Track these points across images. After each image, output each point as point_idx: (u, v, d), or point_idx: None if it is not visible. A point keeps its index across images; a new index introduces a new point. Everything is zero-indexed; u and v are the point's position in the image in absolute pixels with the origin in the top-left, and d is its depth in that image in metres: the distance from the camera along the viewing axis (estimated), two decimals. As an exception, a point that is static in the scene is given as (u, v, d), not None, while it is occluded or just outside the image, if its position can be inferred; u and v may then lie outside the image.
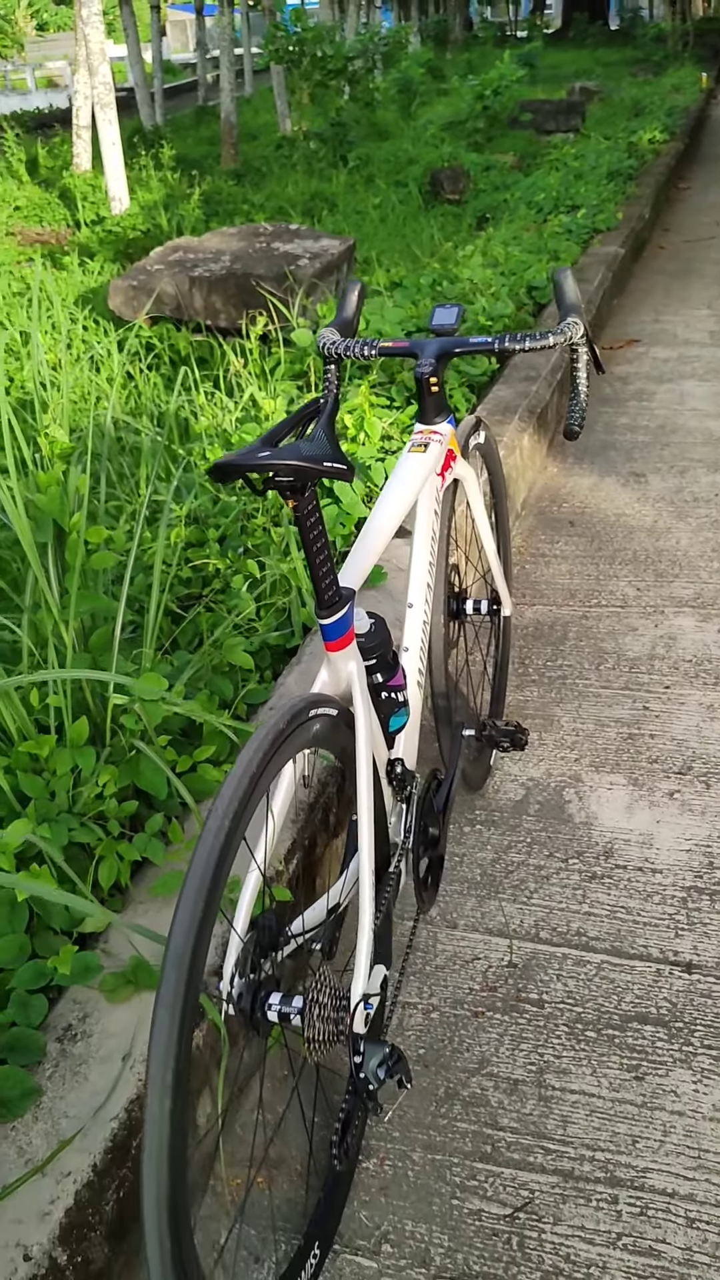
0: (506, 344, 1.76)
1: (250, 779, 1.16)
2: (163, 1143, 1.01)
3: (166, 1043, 1.02)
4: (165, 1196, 1.02)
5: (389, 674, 1.60)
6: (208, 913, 1.06)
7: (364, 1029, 1.35)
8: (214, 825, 1.11)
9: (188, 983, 1.04)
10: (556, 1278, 1.43)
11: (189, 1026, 1.04)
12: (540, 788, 2.34)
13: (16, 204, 10.39)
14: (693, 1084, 1.67)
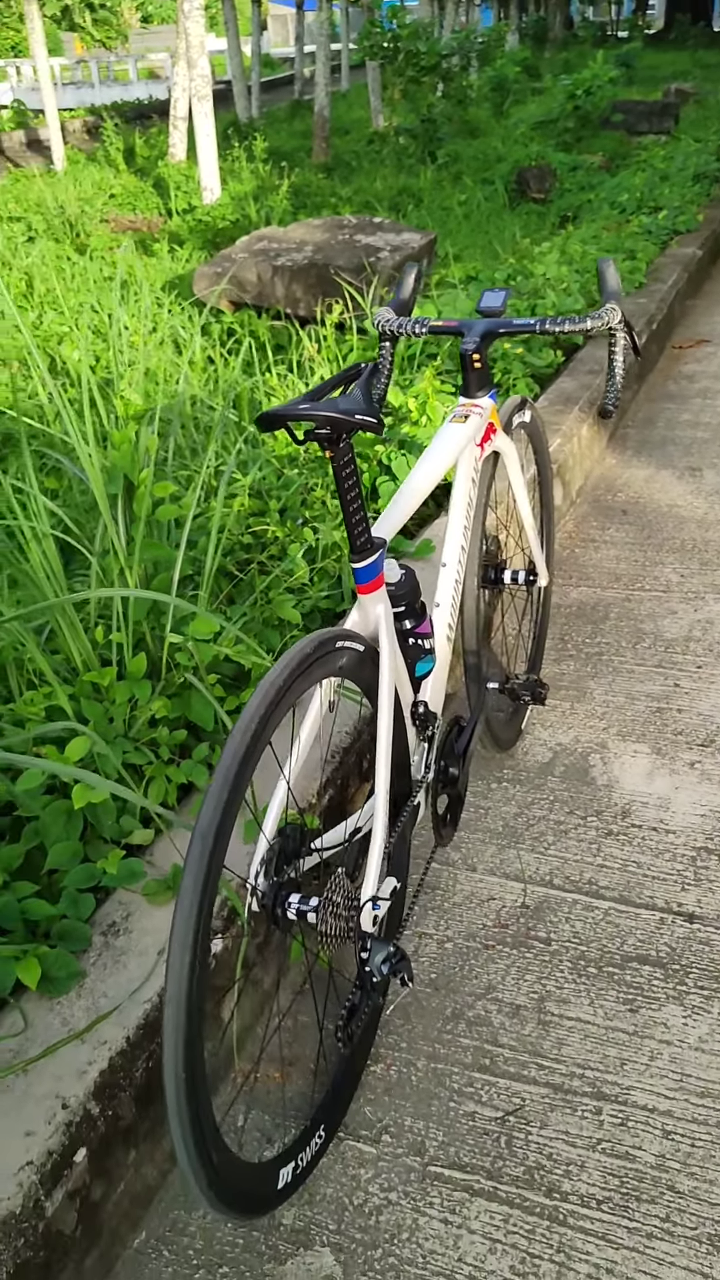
0: (547, 325, 1.91)
1: (277, 690, 1.32)
2: (181, 992, 1.18)
3: (189, 905, 1.19)
4: (182, 1042, 1.18)
5: (417, 621, 1.74)
6: (233, 795, 1.22)
7: (371, 928, 1.50)
8: (242, 724, 1.27)
9: (211, 854, 1.20)
10: (537, 1172, 1.57)
11: (210, 893, 1.20)
12: (567, 752, 2.47)
13: (112, 192, 10.70)
14: (683, 1018, 1.80)
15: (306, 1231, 1.51)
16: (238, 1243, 1.50)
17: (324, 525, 2.70)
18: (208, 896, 1.20)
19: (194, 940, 1.18)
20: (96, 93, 19.41)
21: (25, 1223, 1.31)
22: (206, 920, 1.20)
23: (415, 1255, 1.47)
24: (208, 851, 1.20)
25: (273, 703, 1.32)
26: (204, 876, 1.19)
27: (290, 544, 2.66)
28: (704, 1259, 1.45)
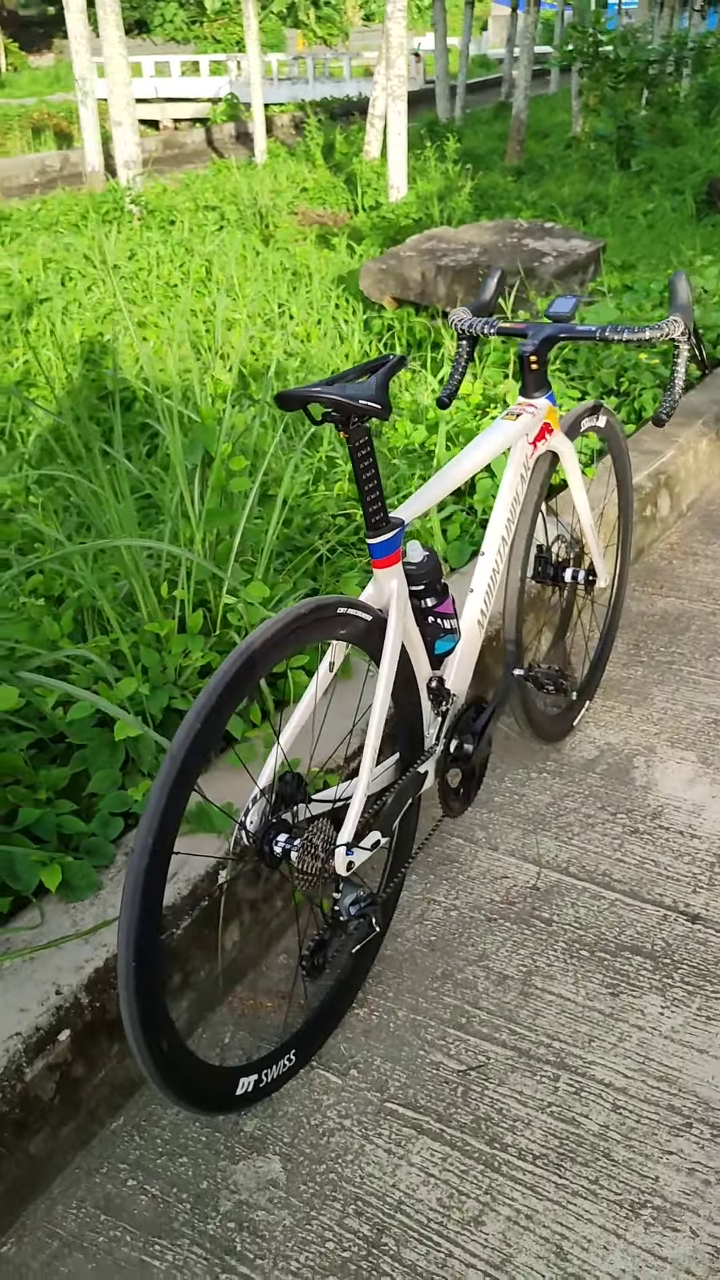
0: (607, 334, 1.99)
1: (266, 639, 1.47)
2: (136, 889, 1.34)
3: (153, 815, 1.35)
4: (134, 932, 1.34)
5: (438, 600, 1.86)
6: (205, 726, 1.38)
7: (345, 872, 1.63)
8: (224, 665, 1.43)
9: (177, 775, 1.36)
10: (484, 1123, 1.68)
11: (172, 810, 1.36)
12: (613, 751, 2.53)
13: (304, 185, 11.03)
14: (660, 1008, 1.86)
15: (263, 1140, 1.66)
16: (201, 1139, 1.66)
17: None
18: (169, 814, 1.36)
19: (152, 846, 1.34)
20: (309, 88, 19.91)
21: (6, 1083, 1.50)
22: (166, 832, 1.36)
23: (354, 1175, 1.60)
24: (174, 772, 1.36)
25: (258, 650, 1.47)
26: (166, 793, 1.35)
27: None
28: (620, 1222, 1.53)
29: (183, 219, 9.14)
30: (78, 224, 8.89)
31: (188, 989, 1.81)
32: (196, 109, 19.82)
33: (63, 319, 6.24)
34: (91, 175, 10.12)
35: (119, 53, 8.84)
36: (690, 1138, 1.65)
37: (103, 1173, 1.62)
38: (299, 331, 6.59)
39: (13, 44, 23.62)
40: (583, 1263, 1.48)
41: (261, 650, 1.48)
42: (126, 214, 9.02)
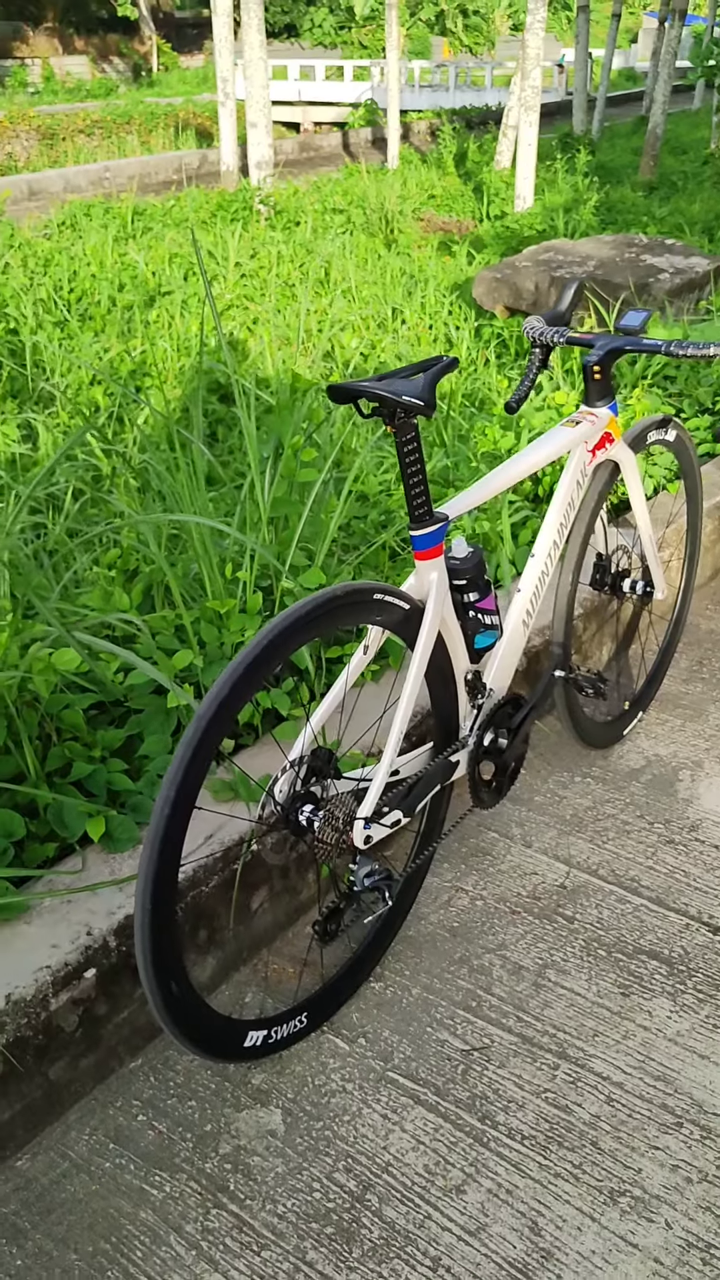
0: (672, 348, 2.04)
1: (298, 615, 1.56)
2: (157, 835, 1.44)
3: (176, 770, 1.45)
4: (151, 878, 1.44)
5: (480, 596, 1.93)
6: (231, 693, 1.48)
7: (363, 845, 1.71)
8: (259, 636, 1.52)
9: (201, 736, 1.46)
10: (479, 1100, 1.74)
11: (195, 766, 1.46)
12: (660, 763, 2.55)
13: (432, 192, 11.12)
14: (669, 1011, 1.90)
15: (268, 1094, 1.75)
16: (210, 1086, 1.76)
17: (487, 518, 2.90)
18: (191, 770, 1.46)
19: (174, 798, 1.44)
20: (449, 96, 20.00)
21: (31, 1009, 1.62)
22: (188, 787, 1.46)
23: (349, 1134, 1.68)
24: (199, 732, 1.46)
25: (290, 626, 1.56)
26: (191, 750, 1.45)
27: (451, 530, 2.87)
28: (598, 1207, 1.58)
29: (309, 220, 9.31)
30: (207, 221, 9.13)
31: (213, 946, 1.91)
32: (338, 113, 20.07)
33: (181, 313, 6.44)
34: (226, 174, 10.37)
35: (259, 57, 9.06)
36: (679, 1136, 1.68)
37: (116, 1106, 1.73)
38: (410, 335, 6.68)
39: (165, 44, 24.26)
40: (555, 1239, 1.54)
41: (293, 626, 1.57)
42: (255, 213, 9.24)
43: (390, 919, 1.99)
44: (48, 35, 22.64)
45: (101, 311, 6.57)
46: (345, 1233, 1.55)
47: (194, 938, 1.87)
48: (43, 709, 2.03)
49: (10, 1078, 1.61)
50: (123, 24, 23.16)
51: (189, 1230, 1.55)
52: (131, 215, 8.92)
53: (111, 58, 23.63)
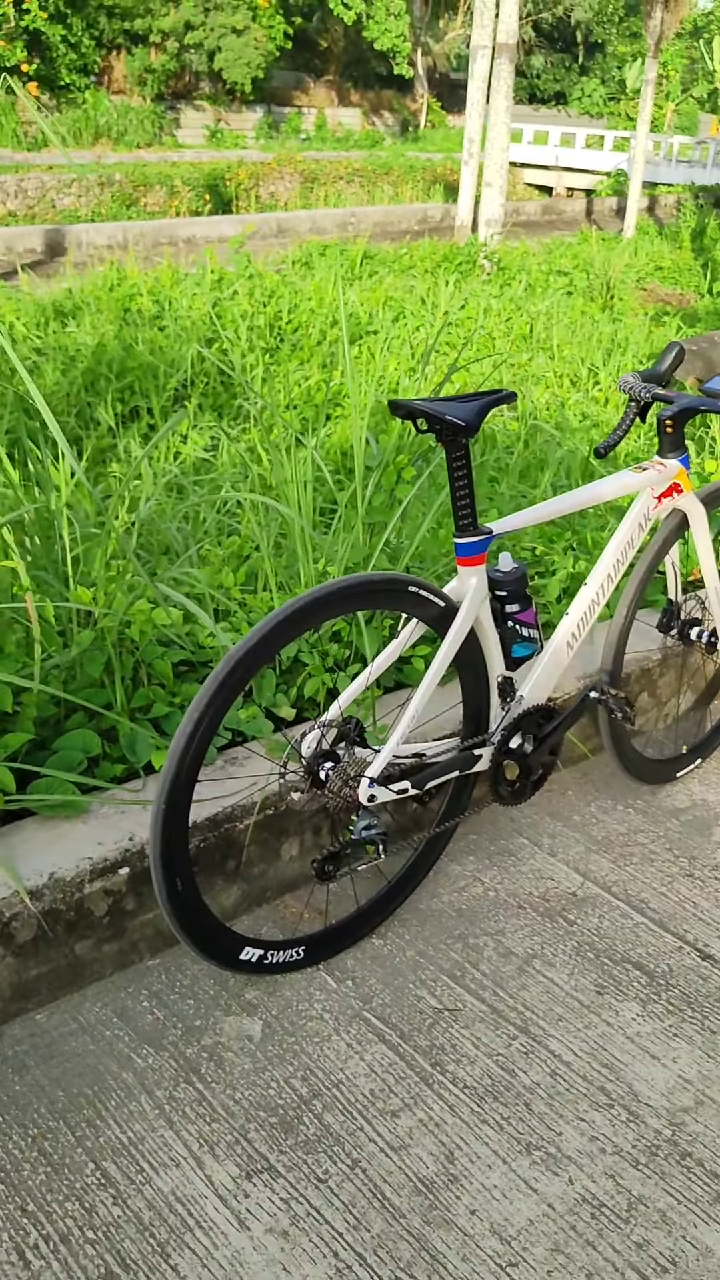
0: (741, 412, 2.21)
1: (330, 591, 1.83)
2: (177, 749, 1.72)
3: (203, 695, 1.73)
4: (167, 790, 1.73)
5: (520, 609, 2.14)
6: (262, 641, 1.75)
7: (366, 802, 1.95)
8: (294, 601, 1.80)
9: (229, 671, 1.74)
10: (435, 1049, 1.94)
11: (222, 696, 1.74)
12: (705, 806, 2.67)
13: (661, 264, 11.24)
14: (635, 1014, 2.04)
15: (256, 1007, 2.00)
16: (209, 993, 2.03)
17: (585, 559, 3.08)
18: (217, 698, 1.74)
19: (196, 718, 1.72)
20: (705, 173, 20.01)
21: (68, 888, 1.93)
22: (207, 715, 1.74)
23: (313, 1052, 1.91)
24: (225, 670, 1.74)
25: (324, 597, 1.82)
26: (216, 684, 1.73)
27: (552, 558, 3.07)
28: (513, 1154, 1.75)
29: (530, 279, 9.62)
30: (430, 270, 9.57)
31: (240, 878, 2.18)
32: (591, 180, 20.42)
33: (383, 351, 6.84)
34: (460, 229, 10.84)
35: (503, 121, 9.47)
36: (607, 1115, 1.83)
37: (128, 991, 2.02)
38: (600, 395, 6.86)
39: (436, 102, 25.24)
40: (465, 1169, 1.72)
41: (329, 598, 1.84)
42: (478, 267, 9.62)
43: (400, 885, 2.21)
44: (326, 87, 23.97)
45: (311, 343, 7.05)
46: (285, 1124, 1.78)
47: (223, 866, 2.15)
48: (139, 655, 2.36)
49: (42, 941, 1.93)
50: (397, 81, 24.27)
51: (158, 1094, 1.82)
52: (360, 258, 9.46)
53: (383, 112, 24.77)
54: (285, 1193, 1.67)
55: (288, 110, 22.92)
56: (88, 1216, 1.62)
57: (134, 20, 20.57)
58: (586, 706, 2.33)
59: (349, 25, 21.76)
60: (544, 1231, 1.64)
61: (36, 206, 15.88)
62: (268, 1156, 1.73)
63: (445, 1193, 1.69)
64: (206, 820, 2.09)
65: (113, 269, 7.86)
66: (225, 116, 21.92)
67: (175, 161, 17.75)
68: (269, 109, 22.51)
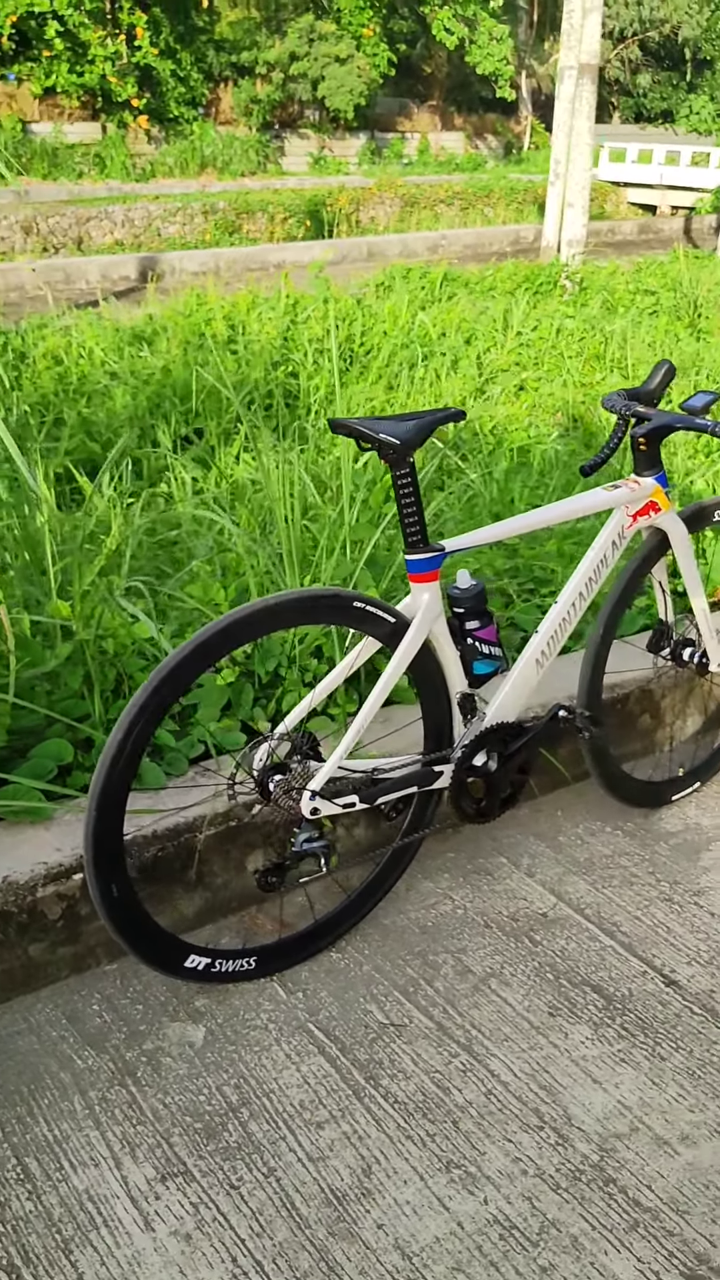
0: (714, 429, 2.18)
1: (269, 605, 1.86)
2: (108, 754, 1.77)
3: (132, 708, 1.78)
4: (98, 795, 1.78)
5: (479, 625, 2.14)
6: (188, 658, 1.79)
7: (308, 815, 1.97)
8: (227, 616, 1.83)
9: (155, 689, 1.78)
10: (373, 1064, 1.94)
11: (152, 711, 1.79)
12: (697, 831, 2.62)
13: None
14: (584, 1038, 2.01)
15: (202, 1014, 2.03)
16: (160, 999, 2.07)
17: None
18: (142, 713, 1.78)
19: (126, 726, 1.77)
20: None
21: (21, 891, 1.99)
22: (136, 725, 1.78)
23: (251, 1061, 1.93)
24: (149, 690, 1.78)
25: (257, 613, 1.86)
26: (139, 706, 1.77)
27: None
28: (431, 1171, 1.75)
29: (613, 299, 9.52)
30: (511, 291, 9.55)
31: (201, 886, 2.21)
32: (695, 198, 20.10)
33: (449, 372, 6.86)
34: (545, 249, 10.79)
35: (585, 141, 9.42)
36: (536, 1137, 1.81)
37: (81, 994, 2.07)
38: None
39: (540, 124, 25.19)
40: (379, 1184, 1.72)
41: (265, 612, 1.87)
42: (559, 288, 9.56)
43: (362, 899, 2.22)
44: (430, 112, 24.12)
45: (379, 365, 7.11)
46: (209, 1130, 1.81)
47: (183, 875, 2.19)
48: (120, 668, 2.42)
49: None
50: (501, 104, 24.29)
51: (91, 1095, 1.86)
52: (441, 280, 9.50)
53: (486, 135, 24.82)
54: (196, 1197, 1.70)
55: (391, 136, 23.14)
56: (0, 1210, 1.67)
57: (241, 53, 21.06)
58: (556, 725, 2.31)
59: (451, 50, 21.88)
60: (448, 1250, 1.63)
61: (142, 235, 16.35)
62: (185, 1161, 1.75)
63: (355, 1206, 1.69)
64: (168, 830, 2.14)
65: (193, 294, 8.07)
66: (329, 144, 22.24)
67: (277, 189, 18.08)
68: (372, 135, 22.75)
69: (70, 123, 19.01)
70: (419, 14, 21.89)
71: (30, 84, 18.56)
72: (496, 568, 3.00)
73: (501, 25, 21.52)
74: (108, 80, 18.52)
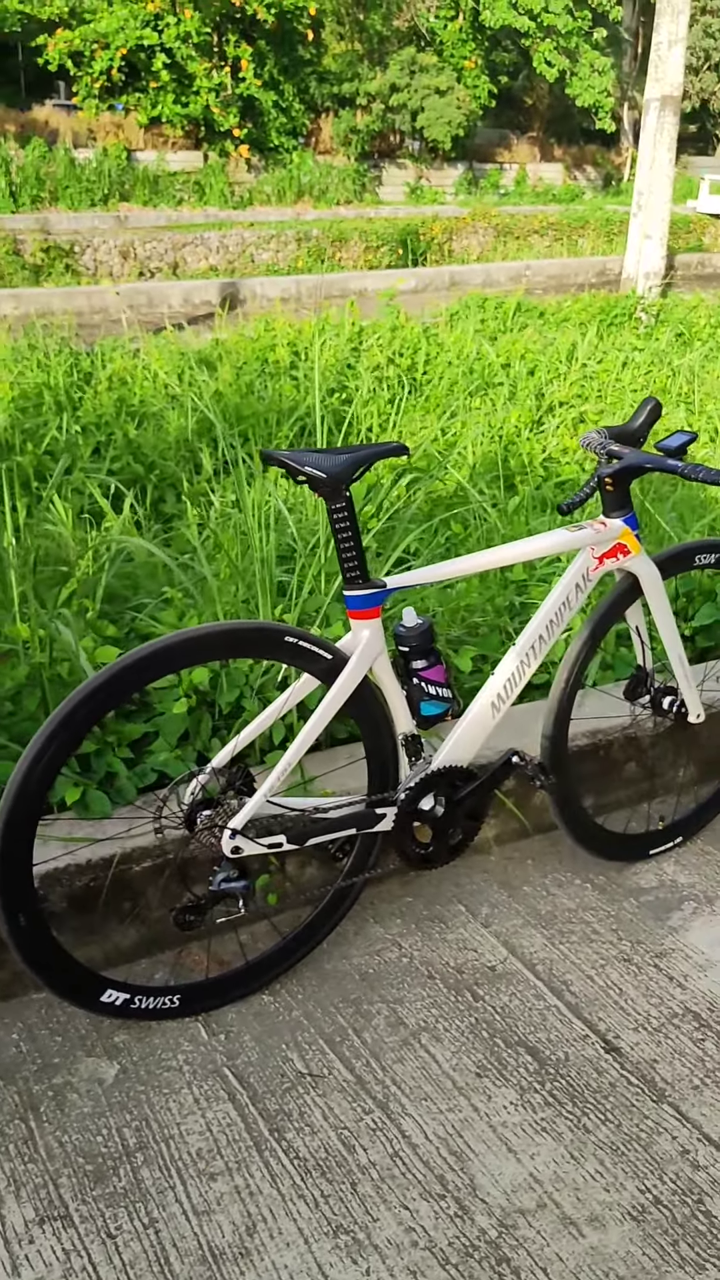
0: (687, 471, 2.10)
1: (189, 639, 1.83)
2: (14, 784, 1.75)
3: (39, 739, 1.76)
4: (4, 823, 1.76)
5: (426, 665, 2.07)
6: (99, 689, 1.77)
7: (229, 854, 1.92)
8: (142, 648, 1.80)
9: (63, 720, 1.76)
10: (281, 1115, 1.88)
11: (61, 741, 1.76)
12: (671, 888, 2.50)
13: None
14: (508, 1103, 1.92)
15: (118, 1051, 1.99)
16: (80, 1033, 2.03)
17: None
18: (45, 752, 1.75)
19: (33, 756, 1.75)
20: None
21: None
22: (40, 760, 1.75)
23: (157, 1103, 1.89)
24: (57, 721, 1.76)
25: (177, 645, 1.83)
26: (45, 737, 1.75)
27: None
28: (317, 1235, 1.68)
29: (690, 332, 9.34)
30: (585, 323, 9.44)
31: (136, 920, 2.18)
32: None
33: (506, 403, 6.79)
34: (625, 281, 10.65)
35: (665, 174, 9.29)
36: (435, 1206, 1.73)
37: (4, 1022, 2.05)
38: (732, 453, 6.58)
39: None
40: (261, 1244, 1.66)
41: (185, 644, 1.84)
42: (634, 320, 9.42)
43: (299, 940, 2.16)
44: (529, 143, 24.12)
45: (440, 394, 7.07)
46: (98, 1173, 1.76)
47: (118, 907, 2.16)
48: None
49: None
50: (601, 135, 24.17)
51: (-11, 1127, 1.83)
52: (514, 310, 9.43)
53: (585, 166, 24.70)
54: (70, 1244, 1.65)
55: (489, 166, 23.18)
56: None
57: (342, 84, 21.34)
58: (509, 772, 2.23)
59: (552, 82, 21.86)
60: (317, 1321, 1.56)
61: (236, 261, 16.61)
62: (69, 1204, 1.71)
63: (231, 1266, 1.63)
64: (101, 860, 2.12)
65: (261, 321, 8.14)
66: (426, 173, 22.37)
67: (370, 217, 18.23)
68: (470, 165, 22.82)
69: (173, 151, 19.45)
70: (521, 46, 21.92)
71: (137, 114, 19.06)
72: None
73: (604, 58, 21.45)
74: (211, 110, 18.91)
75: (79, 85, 18.65)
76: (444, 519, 3.94)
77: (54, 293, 11.95)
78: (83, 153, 17.98)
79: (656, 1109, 1.92)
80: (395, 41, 21.98)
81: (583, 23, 20.69)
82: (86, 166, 17.36)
